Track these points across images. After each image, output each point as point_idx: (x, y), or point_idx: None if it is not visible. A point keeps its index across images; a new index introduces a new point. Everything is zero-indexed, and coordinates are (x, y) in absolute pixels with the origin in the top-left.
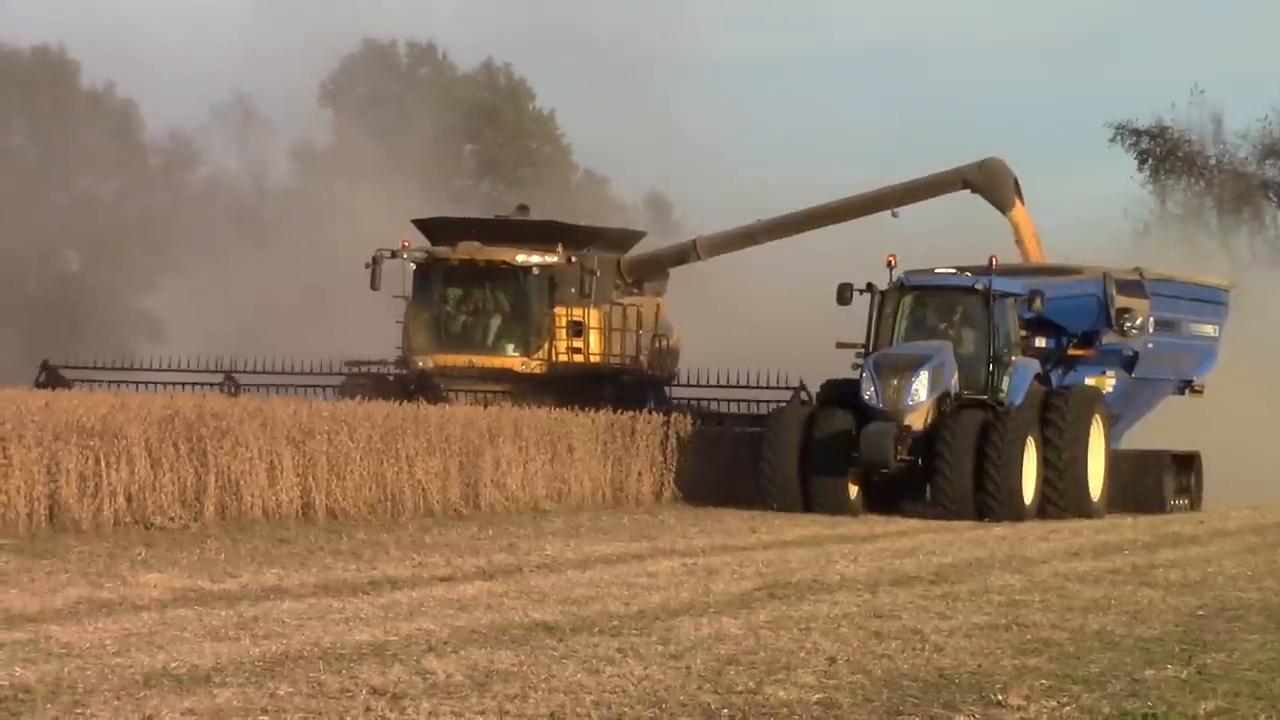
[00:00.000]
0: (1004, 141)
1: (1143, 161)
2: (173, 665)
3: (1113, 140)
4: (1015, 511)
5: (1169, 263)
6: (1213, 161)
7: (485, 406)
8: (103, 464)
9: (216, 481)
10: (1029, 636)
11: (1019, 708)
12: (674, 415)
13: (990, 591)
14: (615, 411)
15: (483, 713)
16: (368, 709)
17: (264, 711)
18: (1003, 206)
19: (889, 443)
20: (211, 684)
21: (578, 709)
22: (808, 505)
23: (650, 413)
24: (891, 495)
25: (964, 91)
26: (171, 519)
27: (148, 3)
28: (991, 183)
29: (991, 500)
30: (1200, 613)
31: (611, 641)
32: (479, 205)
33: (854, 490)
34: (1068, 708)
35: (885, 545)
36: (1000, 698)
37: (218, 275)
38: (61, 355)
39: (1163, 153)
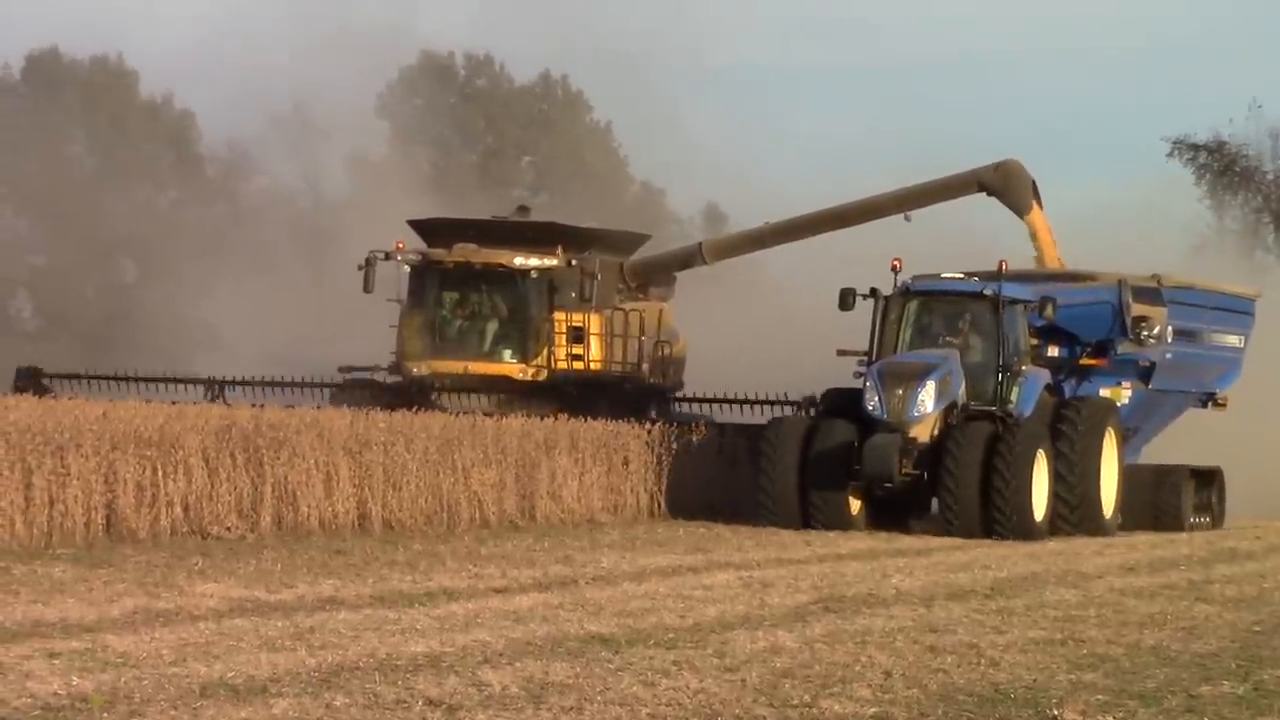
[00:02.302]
0: (1053, 154)
1: (1200, 176)
2: (229, 675)
3: (1170, 155)
4: (1025, 529)
5: (1226, 278)
6: (1270, 176)
7: (465, 414)
8: (160, 474)
9: (273, 492)
10: (1084, 651)
11: None
12: (725, 429)
13: (1045, 606)
14: (669, 425)
15: None
16: None
17: None
18: (1020, 210)
19: (893, 456)
20: (268, 694)
21: None
22: (806, 521)
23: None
24: (895, 511)
25: (1016, 105)
26: (228, 529)
27: (207, 14)
28: (1008, 185)
29: (1000, 516)
30: (1256, 628)
31: (667, 654)
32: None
33: (856, 505)
34: None
35: (940, 559)
36: (1056, 713)
37: (272, 283)
38: (114, 363)
39: (1220, 167)
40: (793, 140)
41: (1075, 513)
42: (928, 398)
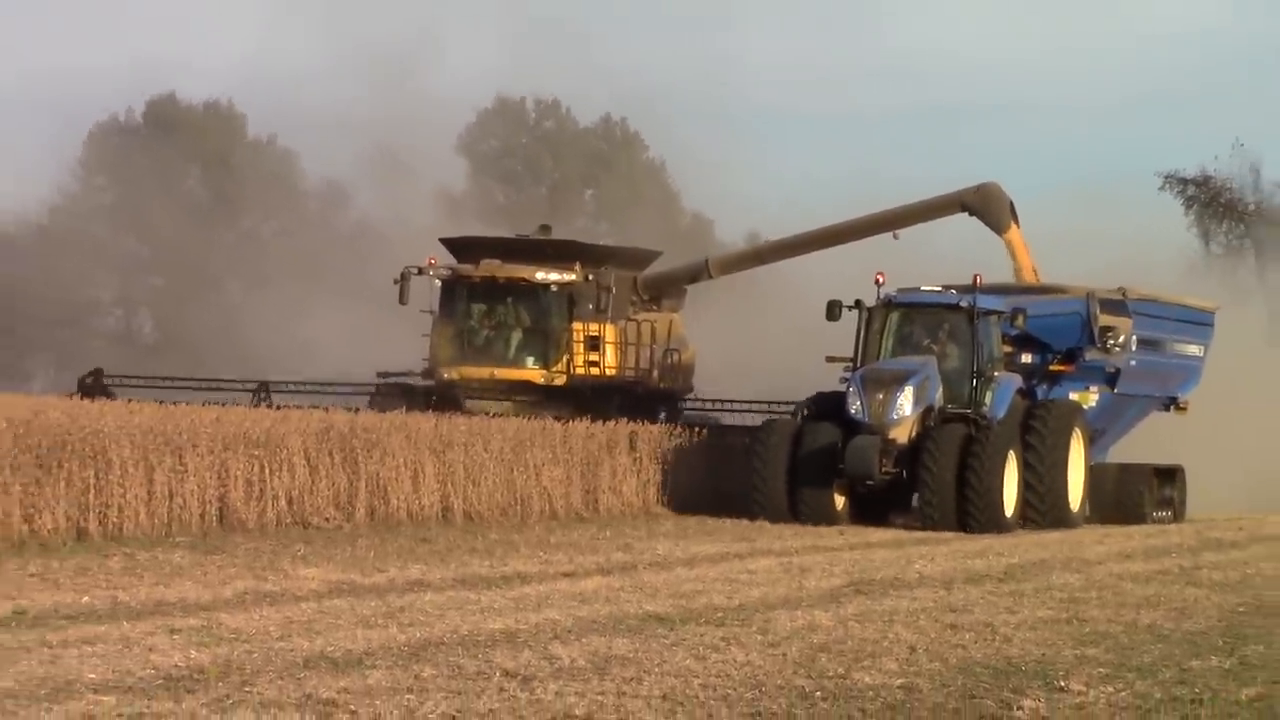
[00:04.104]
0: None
1: (1189, 207)
2: (329, 649)
3: (1161, 188)
4: (996, 523)
5: (1212, 297)
6: (1251, 207)
7: (492, 416)
8: (267, 471)
9: (366, 487)
10: (1087, 629)
11: (1079, 693)
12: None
13: (1052, 589)
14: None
15: (603, 694)
16: (501, 690)
17: (409, 691)
18: (999, 228)
19: (874, 456)
20: (363, 666)
21: (687, 691)
22: (795, 515)
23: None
24: (877, 507)
25: (1031, 147)
26: (326, 520)
27: (307, 64)
28: (988, 205)
29: (974, 510)
30: (1240, 610)
31: (716, 631)
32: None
33: (840, 501)
34: (1123, 693)
35: (958, 547)
36: (1063, 684)
37: (365, 304)
38: (215, 372)
39: (1206, 199)
40: (824, 176)
41: (1043, 507)
42: (906, 402)
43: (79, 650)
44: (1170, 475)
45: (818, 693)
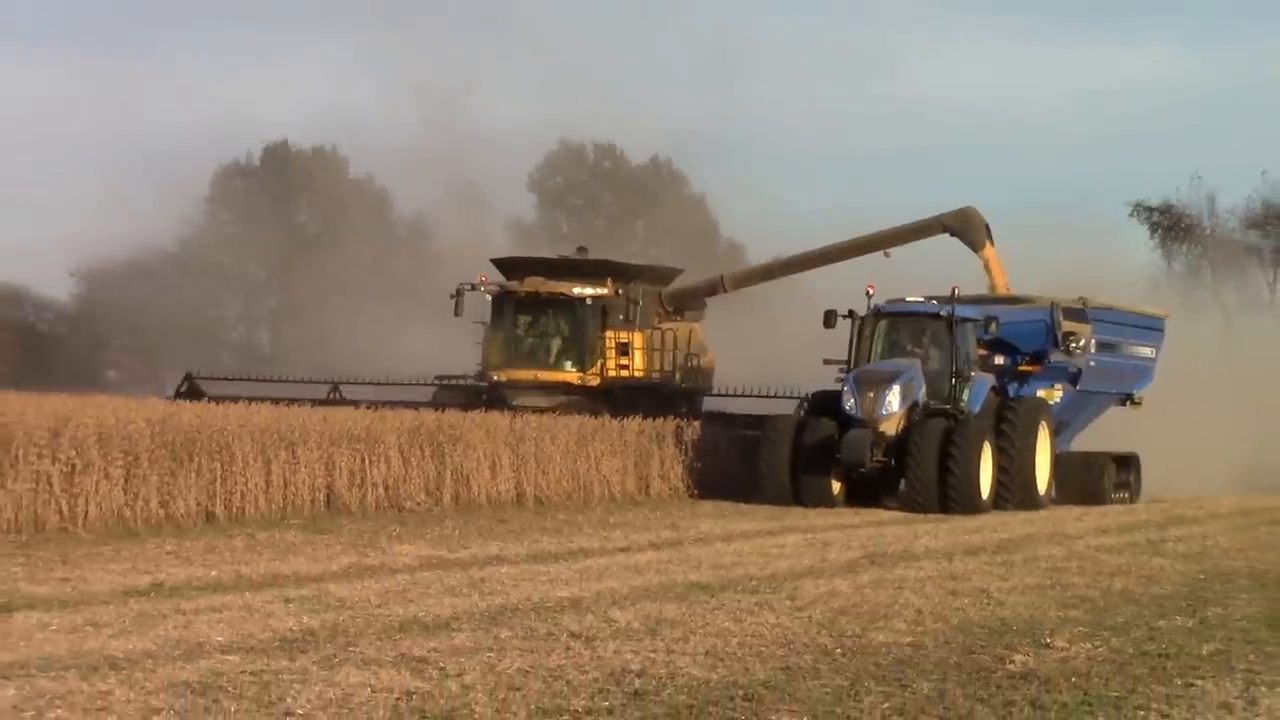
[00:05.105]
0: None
1: (1153, 231)
2: (421, 615)
3: (1130, 215)
4: (973, 504)
5: (1174, 311)
6: (1208, 231)
7: (545, 413)
8: (366, 462)
9: (452, 475)
10: (1069, 594)
11: (1062, 649)
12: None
13: (1039, 560)
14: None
15: (655, 651)
16: (568, 648)
17: (489, 650)
18: (975, 246)
19: (866, 446)
20: (450, 629)
21: (726, 648)
22: (798, 499)
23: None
24: (869, 491)
25: (1001, 178)
26: (418, 504)
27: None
28: (967, 227)
29: (953, 493)
30: (1201, 576)
31: (751, 597)
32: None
33: (837, 487)
34: (1100, 649)
35: (958, 525)
36: (1048, 641)
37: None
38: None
39: (1169, 225)
40: (832, 204)
41: (1015, 492)
42: (894, 399)
43: (208, 617)
44: (1127, 462)
45: (838, 649)
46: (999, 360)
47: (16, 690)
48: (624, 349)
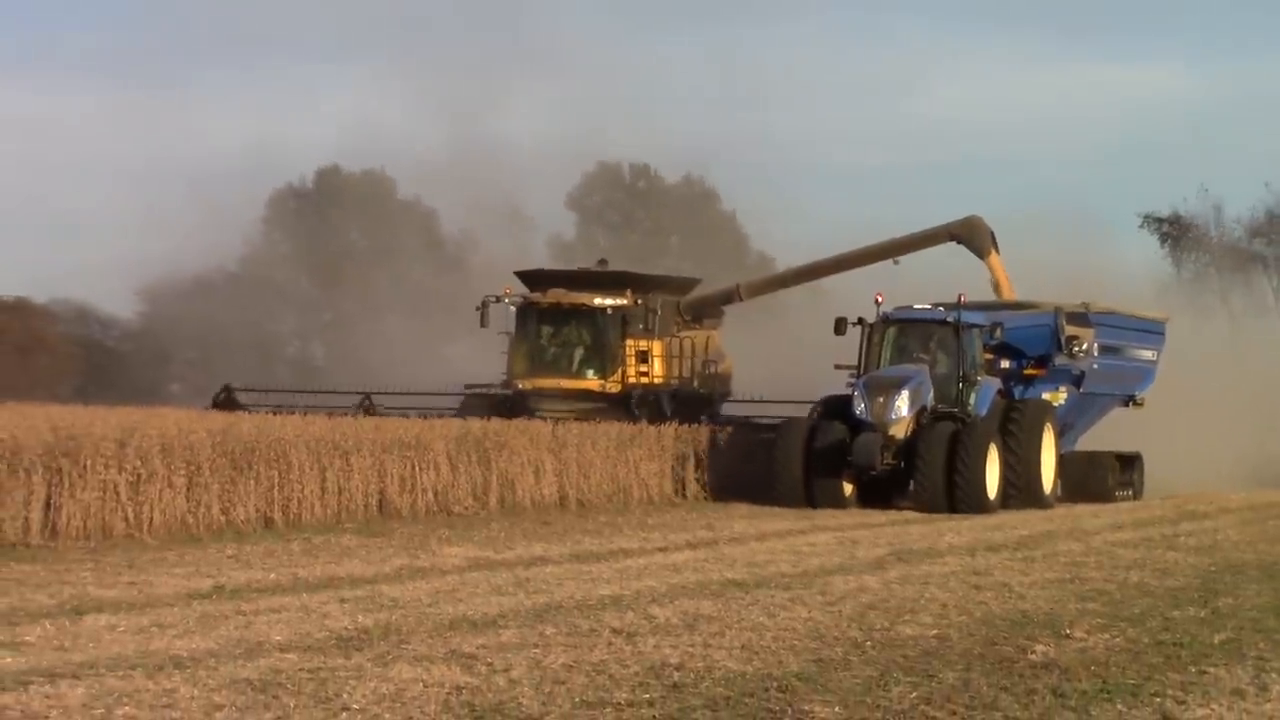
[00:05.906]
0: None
1: (1163, 240)
2: (469, 613)
3: (1141, 225)
4: (980, 504)
5: (1183, 315)
6: (1214, 240)
7: (571, 420)
8: (417, 469)
9: (498, 480)
10: (1087, 587)
11: (1081, 639)
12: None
13: (1058, 555)
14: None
15: (692, 645)
16: (609, 644)
17: (535, 646)
18: (981, 254)
19: (876, 450)
20: (497, 626)
21: (761, 642)
22: (811, 501)
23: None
24: (880, 493)
25: (1011, 189)
26: (466, 508)
27: (445, 137)
28: (972, 235)
29: (961, 495)
30: (1212, 569)
31: (784, 593)
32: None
33: (849, 489)
34: (1117, 639)
35: (980, 522)
36: (1068, 632)
37: (481, 331)
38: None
39: (1178, 234)
40: (847, 215)
41: (1020, 491)
42: (903, 404)
43: (267, 617)
44: (1130, 461)
45: (867, 642)
46: (1005, 364)
47: (86, 689)
48: (644, 357)
